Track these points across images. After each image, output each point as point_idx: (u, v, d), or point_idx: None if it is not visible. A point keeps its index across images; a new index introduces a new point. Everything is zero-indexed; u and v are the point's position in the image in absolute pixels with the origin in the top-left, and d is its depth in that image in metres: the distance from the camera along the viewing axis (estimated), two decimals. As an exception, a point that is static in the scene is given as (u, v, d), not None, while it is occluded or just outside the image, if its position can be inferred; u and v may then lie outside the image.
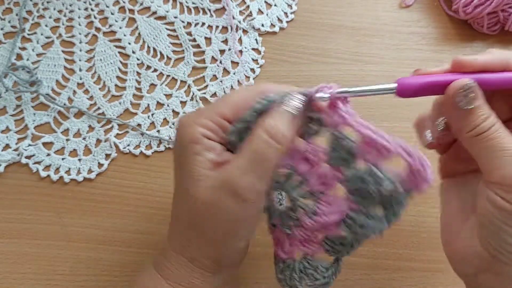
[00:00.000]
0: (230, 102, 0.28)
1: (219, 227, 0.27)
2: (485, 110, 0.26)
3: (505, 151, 0.25)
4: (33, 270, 0.40)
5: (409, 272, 0.39)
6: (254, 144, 0.26)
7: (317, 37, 0.48)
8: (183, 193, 0.28)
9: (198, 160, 0.27)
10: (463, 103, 0.26)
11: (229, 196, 0.26)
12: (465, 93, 0.26)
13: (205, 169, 0.27)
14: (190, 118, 0.28)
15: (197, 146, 0.27)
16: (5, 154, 0.44)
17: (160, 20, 0.49)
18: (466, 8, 0.46)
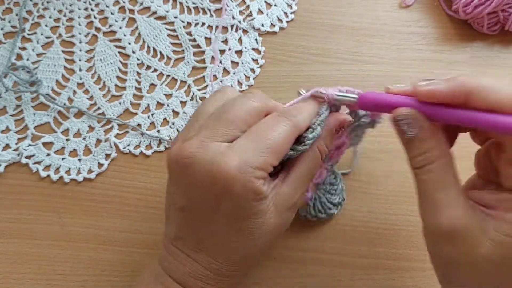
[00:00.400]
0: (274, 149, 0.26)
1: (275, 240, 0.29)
2: (423, 144, 0.25)
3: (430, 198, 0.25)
4: (33, 270, 0.40)
5: (409, 272, 0.39)
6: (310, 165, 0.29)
7: (317, 37, 0.48)
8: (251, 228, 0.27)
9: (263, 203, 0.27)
10: (402, 131, 0.26)
11: (294, 211, 0.29)
12: (403, 122, 0.25)
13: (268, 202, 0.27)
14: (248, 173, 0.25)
15: (260, 196, 0.26)
16: (5, 154, 0.44)
17: (160, 20, 0.49)
18: (466, 8, 0.46)
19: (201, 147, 0.26)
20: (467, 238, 0.24)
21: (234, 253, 0.28)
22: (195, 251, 0.28)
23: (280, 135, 0.27)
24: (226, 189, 0.25)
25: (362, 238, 0.40)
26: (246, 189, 0.25)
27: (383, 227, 0.40)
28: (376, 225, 0.41)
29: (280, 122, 0.27)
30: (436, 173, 0.25)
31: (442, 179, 0.25)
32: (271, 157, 0.26)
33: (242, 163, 0.25)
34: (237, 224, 0.27)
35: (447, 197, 0.24)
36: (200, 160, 0.26)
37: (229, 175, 0.25)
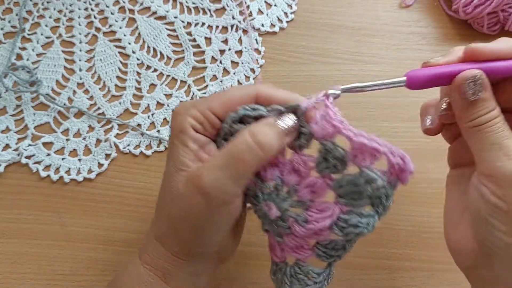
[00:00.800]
0: (223, 100, 0.28)
1: (186, 220, 0.27)
2: (489, 103, 0.26)
3: (496, 145, 0.25)
4: (33, 270, 0.40)
5: (409, 272, 0.39)
6: (236, 144, 0.26)
7: (317, 37, 0.48)
8: (166, 181, 0.28)
9: (184, 151, 0.27)
10: (469, 94, 0.26)
11: (196, 190, 0.26)
12: (472, 84, 0.26)
13: (189, 160, 0.27)
14: (183, 108, 0.28)
15: (184, 136, 0.27)
16: (5, 154, 0.44)
17: (160, 20, 0.49)
18: (466, 8, 0.46)
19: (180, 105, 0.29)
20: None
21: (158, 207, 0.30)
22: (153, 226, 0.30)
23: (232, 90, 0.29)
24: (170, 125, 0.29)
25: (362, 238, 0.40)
26: (175, 120, 0.28)
27: (383, 227, 0.41)
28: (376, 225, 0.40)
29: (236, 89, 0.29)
30: (504, 125, 0.26)
31: (508, 129, 0.26)
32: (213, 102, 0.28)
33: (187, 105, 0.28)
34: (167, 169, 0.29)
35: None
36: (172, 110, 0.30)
37: (173, 112, 0.29)
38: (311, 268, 0.29)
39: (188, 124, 0.27)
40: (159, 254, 0.29)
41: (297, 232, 0.28)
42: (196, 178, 0.26)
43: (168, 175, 0.28)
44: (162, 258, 0.29)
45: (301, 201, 0.28)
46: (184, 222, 0.27)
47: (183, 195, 0.27)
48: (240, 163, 0.25)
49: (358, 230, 0.28)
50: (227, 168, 0.26)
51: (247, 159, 0.26)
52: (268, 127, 0.27)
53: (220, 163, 0.26)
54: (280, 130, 0.27)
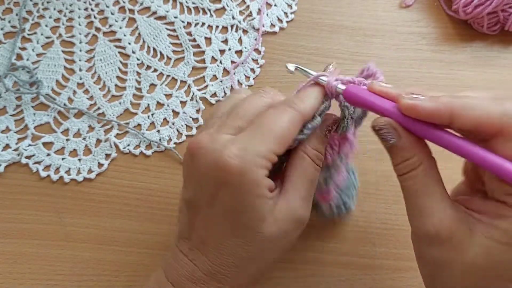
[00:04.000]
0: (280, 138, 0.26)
1: (279, 254, 0.28)
2: (403, 152, 0.25)
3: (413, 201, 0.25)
4: (33, 270, 0.40)
5: (409, 272, 0.39)
6: (307, 171, 0.28)
7: (317, 37, 0.48)
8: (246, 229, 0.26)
9: (264, 202, 0.26)
10: (383, 140, 0.26)
11: (297, 226, 0.28)
12: (383, 130, 0.25)
13: (268, 206, 0.26)
14: (248, 162, 0.25)
15: (261, 189, 0.26)
16: (5, 154, 0.44)
17: (160, 20, 0.49)
18: (466, 8, 0.46)
19: (208, 139, 0.26)
20: (454, 243, 0.24)
21: (227, 254, 0.27)
22: (194, 251, 0.28)
23: (283, 123, 0.26)
24: (224, 179, 0.25)
25: (362, 238, 0.40)
26: (243, 177, 0.25)
27: (383, 227, 0.40)
28: (376, 225, 0.41)
29: (282, 111, 0.27)
30: (418, 180, 0.25)
31: (425, 185, 0.25)
32: (273, 144, 0.26)
33: (241, 151, 0.25)
34: (233, 221, 0.26)
35: (431, 203, 0.25)
36: (206, 151, 0.26)
37: (226, 163, 0.25)
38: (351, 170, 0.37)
39: (262, 177, 0.25)
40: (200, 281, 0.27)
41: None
42: (294, 214, 0.27)
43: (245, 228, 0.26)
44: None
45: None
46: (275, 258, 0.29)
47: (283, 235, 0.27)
48: (313, 186, 0.28)
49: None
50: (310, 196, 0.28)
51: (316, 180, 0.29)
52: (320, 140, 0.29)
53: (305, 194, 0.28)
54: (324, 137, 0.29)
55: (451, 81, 0.46)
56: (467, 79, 0.46)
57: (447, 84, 0.46)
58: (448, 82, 0.46)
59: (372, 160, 0.43)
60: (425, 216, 0.24)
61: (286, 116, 0.27)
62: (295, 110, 0.27)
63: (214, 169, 0.25)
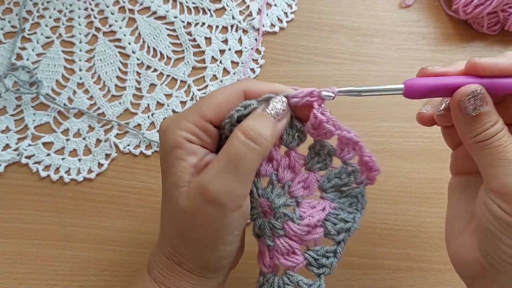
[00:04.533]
0: (212, 103, 0.27)
1: (201, 234, 0.26)
2: (491, 117, 0.25)
3: (505, 161, 0.25)
4: (33, 270, 0.40)
5: (409, 272, 0.39)
6: (231, 145, 0.26)
7: (317, 37, 0.48)
8: (168, 200, 0.27)
9: (182, 166, 0.26)
10: (470, 109, 0.25)
11: (206, 202, 0.25)
12: (472, 100, 0.25)
13: (188, 174, 0.26)
14: (172, 122, 0.27)
15: (180, 151, 0.26)
16: (5, 154, 0.44)
17: (160, 20, 0.49)
18: (466, 8, 0.46)
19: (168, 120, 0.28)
20: None
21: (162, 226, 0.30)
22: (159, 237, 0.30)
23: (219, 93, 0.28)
24: (160, 141, 0.28)
25: (362, 238, 0.40)
26: (165, 137, 0.27)
27: (383, 227, 0.40)
28: (376, 225, 0.41)
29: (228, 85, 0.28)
30: (507, 139, 0.25)
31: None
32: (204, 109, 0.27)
33: (173, 117, 0.27)
34: (164, 187, 0.28)
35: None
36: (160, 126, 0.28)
37: (160, 127, 0.28)
38: (301, 279, 0.28)
39: (182, 138, 0.26)
40: (177, 275, 0.28)
41: (292, 230, 0.27)
42: (203, 189, 0.25)
43: (169, 194, 0.27)
44: (182, 278, 0.28)
45: (294, 197, 0.29)
46: (199, 237, 0.27)
47: (192, 210, 0.26)
48: (240, 162, 0.25)
49: (348, 226, 0.29)
50: (229, 172, 0.25)
51: (246, 157, 0.25)
52: (257, 118, 0.26)
53: (222, 169, 0.25)
54: (270, 118, 0.27)
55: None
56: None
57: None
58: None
59: (372, 160, 0.43)
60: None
61: (227, 88, 0.28)
62: (239, 85, 0.28)
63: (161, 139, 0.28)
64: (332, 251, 0.29)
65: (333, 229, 0.28)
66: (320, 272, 0.29)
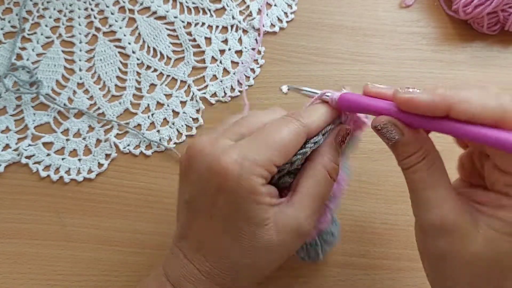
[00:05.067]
0: (282, 148, 0.26)
1: (277, 263, 0.28)
2: (407, 147, 0.25)
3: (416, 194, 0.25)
4: (33, 270, 0.40)
5: (409, 272, 0.39)
6: (320, 185, 0.27)
7: (317, 37, 0.48)
8: (244, 234, 0.26)
9: (261, 208, 0.26)
10: (385, 139, 0.26)
11: (300, 238, 0.28)
12: (385, 130, 0.25)
13: (268, 213, 0.26)
14: (245, 169, 0.25)
15: (258, 196, 0.26)
16: (5, 154, 0.44)
17: (160, 20, 0.49)
18: (466, 8, 0.46)
19: (209, 142, 0.27)
20: (458, 234, 0.24)
21: (226, 259, 0.27)
22: (193, 251, 0.28)
23: (286, 134, 0.26)
24: (222, 184, 0.25)
25: (362, 238, 0.40)
26: (240, 184, 0.25)
27: (383, 227, 0.40)
28: (376, 225, 0.41)
29: (287, 122, 0.27)
30: (423, 173, 0.25)
31: (430, 178, 0.25)
32: (274, 155, 0.26)
33: (240, 158, 0.25)
34: (231, 225, 0.26)
35: (436, 195, 0.25)
36: (205, 154, 0.26)
37: (224, 169, 0.25)
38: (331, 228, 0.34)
39: (260, 185, 0.25)
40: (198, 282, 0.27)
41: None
42: (299, 226, 0.27)
43: (243, 233, 0.26)
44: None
45: None
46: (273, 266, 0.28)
47: (284, 245, 0.27)
48: (325, 199, 0.28)
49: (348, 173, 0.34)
50: (317, 209, 0.28)
51: (328, 194, 0.28)
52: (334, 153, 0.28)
53: (316, 209, 0.28)
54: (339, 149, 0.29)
55: (451, 81, 0.46)
56: (467, 79, 0.46)
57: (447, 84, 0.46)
58: (448, 82, 0.46)
59: (371, 160, 0.43)
60: (431, 208, 0.25)
61: (290, 128, 0.27)
62: (300, 122, 0.27)
63: (213, 173, 0.25)
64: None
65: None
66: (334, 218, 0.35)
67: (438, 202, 0.24)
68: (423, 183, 0.25)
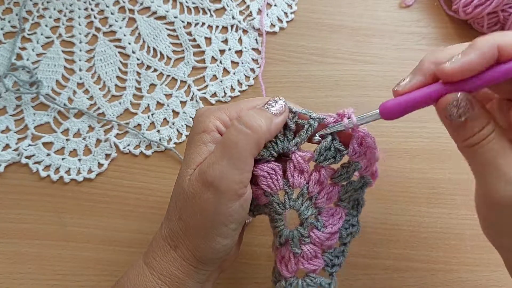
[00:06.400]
0: (251, 106, 0.29)
1: (198, 220, 0.27)
2: (479, 121, 0.24)
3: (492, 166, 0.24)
4: (33, 270, 0.40)
5: (409, 272, 0.39)
6: (227, 132, 0.27)
7: (317, 37, 0.48)
8: (178, 179, 0.28)
9: (200, 149, 0.27)
10: (455, 117, 0.25)
11: (205, 186, 0.26)
12: (456, 108, 0.24)
13: (203, 159, 0.27)
14: (210, 109, 0.29)
15: (206, 136, 0.27)
16: (5, 154, 0.44)
17: (160, 20, 0.49)
18: (466, 8, 0.46)
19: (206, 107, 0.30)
20: None
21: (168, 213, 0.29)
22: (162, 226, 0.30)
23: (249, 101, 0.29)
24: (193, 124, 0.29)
25: (362, 238, 0.40)
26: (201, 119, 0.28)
27: (383, 227, 0.41)
28: (376, 225, 0.41)
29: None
30: (496, 143, 0.24)
31: (503, 147, 0.24)
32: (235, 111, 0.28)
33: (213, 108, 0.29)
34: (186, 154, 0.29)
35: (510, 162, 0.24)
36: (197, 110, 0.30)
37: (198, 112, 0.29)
38: (322, 280, 0.31)
39: (213, 125, 0.28)
40: (169, 260, 0.28)
41: (318, 237, 0.30)
42: (202, 173, 0.26)
43: (180, 175, 0.28)
44: (173, 264, 0.28)
45: (317, 207, 0.31)
46: (196, 223, 0.27)
47: (193, 194, 0.27)
48: (234, 147, 0.26)
49: (355, 229, 0.33)
50: (225, 157, 0.26)
51: (240, 142, 0.26)
52: (254, 111, 0.28)
53: (218, 154, 0.26)
54: (268, 112, 0.28)
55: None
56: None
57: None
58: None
59: (372, 160, 0.43)
60: (507, 175, 0.24)
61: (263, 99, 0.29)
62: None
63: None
64: (341, 251, 0.32)
65: (345, 234, 0.32)
66: (333, 271, 0.32)
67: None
68: (498, 152, 0.24)
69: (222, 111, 0.28)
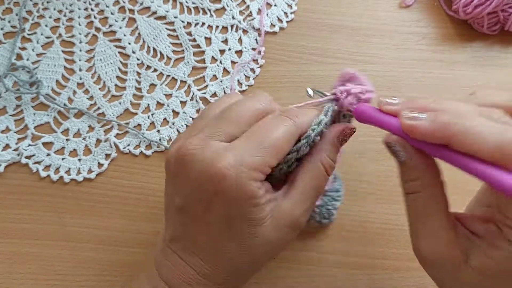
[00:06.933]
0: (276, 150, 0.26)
1: (274, 255, 0.28)
2: (411, 173, 0.25)
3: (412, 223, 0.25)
4: (33, 270, 0.40)
5: (409, 272, 0.39)
6: (317, 179, 0.28)
7: (317, 37, 0.48)
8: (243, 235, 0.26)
9: (261, 209, 0.26)
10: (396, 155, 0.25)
11: (294, 230, 0.27)
12: (394, 148, 0.25)
13: (265, 211, 0.26)
14: (243, 173, 0.25)
15: (256, 201, 0.25)
16: (5, 154, 0.44)
17: (160, 20, 0.49)
18: (466, 8, 0.46)
19: (200, 145, 0.26)
20: (447, 267, 0.24)
21: (225, 260, 0.27)
22: (189, 254, 0.27)
23: (279, 135, 0.26)
24: (219, 189, 0.25)
25: (362, 238, 0.40)
26: (239, 190, 0.25)
27: (383, 227, 0.40)
28: (376, 225, 0.41)
29: (280, 121, 0.27)
30: (421, 203, 0.25)
31: (426, 209, 0.25)
32: (268, 157, 0.25)
33: (236, 163, 0.25)
34: (229, 228, 0.26)
35: (428, 227, 0.24)
36: (198, 158, 0.25)
37: (221, 175, 0.24)
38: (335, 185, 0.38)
39: (257, 189, 0.25)
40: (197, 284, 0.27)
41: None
42: (295, 222, 0.27)
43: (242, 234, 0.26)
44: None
45: None
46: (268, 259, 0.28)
47: (281, 241, 0.27)
48: (320, 193, 0.29)
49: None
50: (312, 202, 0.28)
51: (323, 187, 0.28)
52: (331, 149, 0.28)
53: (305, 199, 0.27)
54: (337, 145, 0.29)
55: (451, 81, 0.46)
56: (467, 79, 0.46)
57: (447, 84, 0.46)
58: (448, 82, 0.46)
59: (372, 160, 0.43)
60: (421, 239, 0.25)
61: (282, 127, 0.26)
62: (291, 120, 0.27)
63: (208, 179, 0.25)
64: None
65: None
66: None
67: (428, 235, 0.25)
68: (418, 213, 0.25)
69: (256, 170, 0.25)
